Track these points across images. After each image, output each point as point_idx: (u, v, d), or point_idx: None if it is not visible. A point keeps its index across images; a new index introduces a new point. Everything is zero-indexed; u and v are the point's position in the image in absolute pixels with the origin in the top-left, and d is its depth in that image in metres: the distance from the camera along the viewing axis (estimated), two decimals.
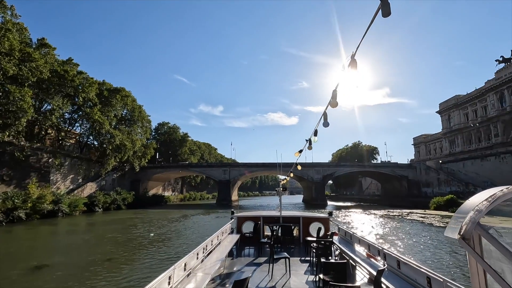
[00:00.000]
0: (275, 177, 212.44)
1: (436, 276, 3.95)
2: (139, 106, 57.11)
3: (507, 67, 60.64)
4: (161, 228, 22.40)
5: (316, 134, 5.85)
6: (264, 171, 68.76)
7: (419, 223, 25.78)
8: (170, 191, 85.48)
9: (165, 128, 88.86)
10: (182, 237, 18.44)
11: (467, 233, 1.12)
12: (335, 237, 9.23)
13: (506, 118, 58.62)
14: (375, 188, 79.09)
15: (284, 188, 12.83)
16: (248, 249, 9.43)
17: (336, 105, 3.75)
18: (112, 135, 44.54)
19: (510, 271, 1.01)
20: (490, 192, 1.19)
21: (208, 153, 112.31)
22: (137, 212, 37.99)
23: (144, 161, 58.68)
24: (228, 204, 56.57)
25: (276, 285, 6.04)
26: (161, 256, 13.31)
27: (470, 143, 68.71)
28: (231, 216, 10.69)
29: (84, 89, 39.09)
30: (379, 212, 36.82)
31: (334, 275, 5.24)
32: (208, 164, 69.45)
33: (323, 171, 59.56)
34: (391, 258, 5.46)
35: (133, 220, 28.31)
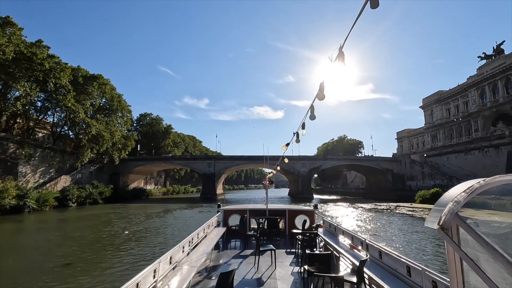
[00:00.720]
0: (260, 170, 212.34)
1: (415, 265, 4.18)
2: (118, 95, 53.95)
3: (489, 63, 61.95)
4: (138, 225, 20.64)
5: (304, 127, 5.81)
6: (250, 164, 67.52)
7: (409, 217, 25.45)
8: (152, 185, 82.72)
9: (147, 120, 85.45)
10: (160, 235, 16.80)
11: (446, 223, 1.17)
12: (320, 229, 9.43)
13: (486, 114, 60.17)
14: (359, 181, 79.85)
15: (271, 181, 12.85)
16: (235, 242, 9.48)
17: (324, 97, 3.73)
18: (88, 125, 41.60)
19: (484, 259, 1.07)
20: (467, 184, 1.23)
21: (192, 146, 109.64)
22: (115, 207, 35.76)
23: (124, 153, 55.90)
24: (212, 198, 55.13)
25: (262, 277, 6.13)
26: (133, 259, 11.71)
27: (452, 138, 70.46)
28: (218, 209, 10.61)
29: (56, 75, 35.87)
30: (366, 206, 36.58)
31: (318, 266, 5.36)
32: (192, 157, 67.28)
33: (310, 164, 59.06)
34: (373, 249, 5.63)
35: (109, 216, 26.26)
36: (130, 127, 71.09)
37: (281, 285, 5.77)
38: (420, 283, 4.01)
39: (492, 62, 61.05)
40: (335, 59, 2.92)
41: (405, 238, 16.19)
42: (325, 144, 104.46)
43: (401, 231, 18.34)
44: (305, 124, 5.74)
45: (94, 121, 43.43)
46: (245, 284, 5.77)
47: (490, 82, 60.02)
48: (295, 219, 10.75)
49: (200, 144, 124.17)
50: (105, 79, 49.27)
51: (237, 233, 10.01)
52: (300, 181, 57.32)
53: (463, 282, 1.27)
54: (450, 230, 1.20)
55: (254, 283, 5.88)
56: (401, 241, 15.43)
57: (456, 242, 1.20)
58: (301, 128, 5.92)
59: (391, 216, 25.98)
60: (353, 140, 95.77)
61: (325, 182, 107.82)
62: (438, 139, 74.81)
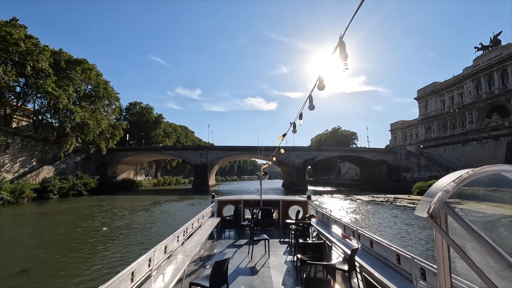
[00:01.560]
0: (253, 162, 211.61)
1: (404, 254, 4.31)
2: (104, 81, 51.13)
3: (485, 54, 61.17)
4: (120, 220, 18.80)
5: (301, 117, 5.80)
6: (244, 155, 65.95)
7: (411, 210, 24.14)
8: (143, 176, 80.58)
9: (137, 109, 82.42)
10: (142, 234, 14.74)
11: (435, 212, 1.20)
12: (313, 219, 9.57)
13: (481, 105, 59.81)
14: (353, 173, 79.45)
15: (265, 172, 12.87)
16: (229, 232, 9.60)
17: (324, 88, 3.68)
18: (71, 112, 39.08)
19: (470, 246, 1.12)
20: (457, 174, 1.28)
21: (184, 136, 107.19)
22: (101, 199, 33.82)
23: (112, 143, 53.60)
24: (204, 189, 53.64)
25: (256, 265, 6.25)
26: (105, 263, 9.99)
27: (445, 130, 70.31)
28: (212, 200, 10.70)
29: (34, 57, 33.09)
30: (364, 198, 35.58)
31: (311, 254, 5.48)
32: (184, 147, 65.17)
33: (304, 155, 57.92)
34: (365, 238, 5.70)
35: (91, 209, 24.39)
36: (119, 116, 68.35)
37: (274, 273, 5.85)
38: (409, 271, 4.12)
39: (489, 53, 60.30)
40: (336, 49, 2.92)
41: (419, 235, 14.59)
42: (319, 136, 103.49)
43: (411, 227, 16.77)
44: (303, 114, 5.72)
45: (78, 108, 40.90)
46: (239, 273, 5.84)
47: (486, 73, 59.43)
48: (289, 209, 10.91)
49: (192, 134, 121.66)
50: (90, 64, 46.39)
51: (231, 223, 10.12)
52: (294, 172, 56.23)
53: (450, 268, 1.32)
54: (439, 218, 1.22)
55: (248, 271, 5.96)
56: (416, 239, 13.80)
57: (444, 230, 1.22)
58: (299, 118, 5.88)
59: (393, 209, 24.79)
60: (347, 132, 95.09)
61: (318, 173, 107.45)
62: (432, 130, 74.70)
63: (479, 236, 1.08)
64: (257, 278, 5.62)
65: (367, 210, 24.42)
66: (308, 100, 4.54)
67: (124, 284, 3.34)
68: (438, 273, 1.40)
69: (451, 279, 1.34)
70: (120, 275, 3.25)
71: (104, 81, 51.08)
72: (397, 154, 56.21)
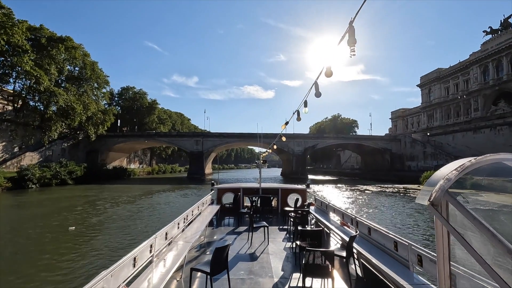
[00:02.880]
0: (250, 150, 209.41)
1: (402, 241, 4.36)
2: (92, 62, 47.61)
3: (494, 38, 58.34)
4: (98, 215, 16.13)
5: (306, 105, 5.80)
6: (242, 142, 63.33)
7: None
8: (137, 164, 77.98)
9: (130, 94, 78.73)
10: (117, 236, 11.63)
11: (436, 200, 1.21)
12: (312, 207, 9.63)
13: (487, 92, 57.55)
14: (354, 161, 77.58)
15: (264, 160, 12.72)
16: (228, 219, 9.78)
17: (331, 74, 3.64)
18: (54, 94, 35.90)
19: (470, 233, 1.14)
20: (459, 162, 1.29)
21: (180, 123, 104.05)
22: (87, 188, 31.24)
23: (103, 129, 50.76)
24: (200, 178, 51.41)
25: (256, 252, 6.37)
26: (57, 277, 7.44)
27: (449, 118, 68.29)
28: (211, 187, 10.65)
29: (7, 30, 29.59)
30: (371, 188, 33.21)
31: (309, 241, 5.58)
32: (178, 134, 62.19)
33: (305, 143, 55.52)
34: (363, 226, 5.82)
35: (71, 201, 21.70)
36: (109, 100, 64.96)
37: (273, 259, 5.95)
38: (406, 257, 4.17)
39: (498, 37, 57.46)
40: (345, 34, 2.91)
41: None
42: (318, 123, 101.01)
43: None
44: (307, 102, 5.74)
45: (61, 91, 37.73)
46: (239, 259, 5.89)
47: (494, 58, 56.87)
48: (288, 197, 10.97)
49: (188, 121, 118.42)
50: (75, 43, 42.76)
51: (231, 211, 10.18)
52: (294, 160, 53.96)
53: (449, 255, 1.34)
54: (440, 206, 1.23)
55: (248, 257, 6.03)
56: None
57: (445, 217, 1.24)
58: (303, 106, 5.89)
59: (410, 202, 22.07)
60: (347, 119, 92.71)
61: (317, 162, 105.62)
62: (434, 118, 72.74)
63: (480, 224, 1.08)
64: (256, 264, 5.69)
65: (382, 204, 21.47)
66: (314, 87, 4.49)
67: (127, 269, 3.36)
68: (438, 260, 1.41)
69: (450, 266, 1.36)
70: (122, 261, 3.26)
71: (92, 62, 47.56)
72: (401, 142, 54.01)
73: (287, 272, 5.27)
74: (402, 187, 32.85)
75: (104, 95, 54.88)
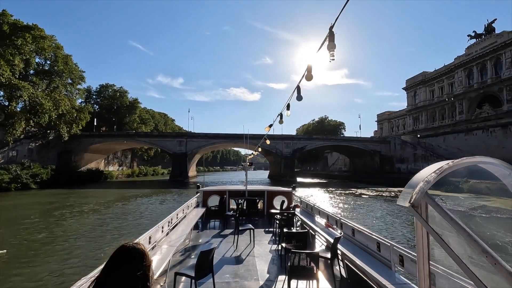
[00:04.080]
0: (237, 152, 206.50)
1: (384, 241, 4.48)
2: (65, 56, 43.77)
3: (479, 43, 59.23)
4: (53, 228, 13.00)
5: (289, 108, 5.86)
6: (228, 143, 60.74)
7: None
8: (116, 166, 73.57)
9: (109, 92, 74.37)
10: (71, 258, 9.07)
11: (416, 201, 1.24)
12: (297, 209, 9.69)
13: (472, 96, 58.26)
14: (342, 163, 76.75)
15: (250, 163, 12.75)
16: (214, 222, 9.62)
17: (311, 78, 3.66)
18: (18, 88, 32.08)
19: (448, 233, 1.18)
20: (438, 165, 1.33)
21: (163, 124, 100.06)
22: (54, 193, 27.73)
23: (77, 128, 46.80)
24: (184, 181, 48.45)
25: (241, 254, 6.35)
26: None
27: (434, 120, 69.03)
28: (197, 190, 10.57)
29: None
30: (367, 192, 31.41)
31: (295, 243, 5.62)
32: (160, 134, 58.70)
33: (294, 144, 53.79)
34: (347, 227, 5.96)
35: (25, 210, 17.82)
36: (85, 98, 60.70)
37: (259, 262, 5.92)
38: (388, 257, 4.25)
39: (482, 42, 58.34)
40: (326, 39, 2.93)
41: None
42: (305, 125, 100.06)
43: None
44: (290, 105, 5.78)
45: (26, 84, 33.87)
46: (225, 262, 5.86)
47: (478, 62, 57.70)
48: (274, 199, 10.94)
49: (172, 122, 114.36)
50: (45, 33, 38.96)
51: (217, 214, 10.08)
52: (282, 162, 52.03)
53: (428, 254, 1.38)
54: (420, 207, 1.27)
55: (233, 260, 6.01)
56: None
57: (424, 218, 1.28)
58: (286, 109, 5.96)
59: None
60: (334, 122, 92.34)
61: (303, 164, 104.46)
62: (420, 121, 73.55)
63: (457, 224, 1.12)
64: (242, 267, 5.65)
65: (387, 212, 18.33)
66: (296, 90, 4.56)
67: None
68: (418, 259, 1.43)
69: (429, 265, 1.39)
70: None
71: (65, 56, 43.70)
72: (390, 144, 53.38)
73: (272, 275, 5.27)
74: (397, 190, 31.38)
75: (79, 92, 50.79)
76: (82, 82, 49.79)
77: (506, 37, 51.59)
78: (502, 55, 52.33)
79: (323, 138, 58.30)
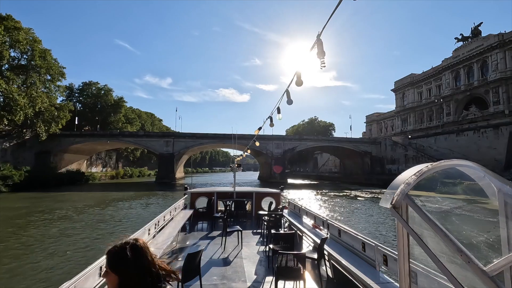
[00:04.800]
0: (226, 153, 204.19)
1: (369, 242, 4.56)
2: (43, 50, 41.16)
3: (465, 45, 60.12)
4: (9, 240, 11.30)
5: (279, 111, 5.89)
6: (216, 143, 59.04)
7: (457, 215, 17.54)
8: (99, 167, 70.53)
9: (93, 90, 71.20)
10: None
11: (397, 203, 1.29)
12: (285, 211, 9.83)
13: (459, 97, 59.02)
14: (332, 164, 76.38)
15: (239, 164, 13.32)
16: (202, 224, 9.46)
17: (301, 83, 3.63)
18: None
19: (427, 234, 1.23)
20: (418, 168, 1.38)
21: (150, 124, 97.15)
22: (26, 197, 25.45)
23: (56, 127, 44.17)
24: (170, 183, 46.51)
25: (229, 256, 6.37)
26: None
27: (422, 122, 69.76)
28: (185, 192, 10.51)
29: None
30: (362, 194, 30.40)
31: (282, 244, 5.67)
32: (146, 134, 56.32)
33: (284, 145, 52.78)
34: (333, 228, 6.00)
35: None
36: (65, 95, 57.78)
37: (247, 263, 5.95)
38: (373, 257, 4.32)
39: (469, 44, 59.26)
40: (313, 47, 2.95)
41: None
42: (295, 126, 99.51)
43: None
44: (280, 109, 5.80)
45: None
46: (212, 264, 5.85)
47: (465, 64, 58.53)
48: (262, 201, 11.04)
49: (159, 122, 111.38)
50: (21, 25, 36.39)
51: (204, 215, 10.00)
52: (273, 163, 50.86)
53: (409, 254, 1.44)
54: (401, 209, 1.31)
55: (221, 262, 6.01)
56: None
57: (405, 219, 1.32)
58: (277, 113, 5.93)
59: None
60: (324, 122, 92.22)
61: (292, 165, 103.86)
62: (408, 122, 74.18)
63: (435, 225, 1.17)
64: (229, 268, 5.66)
65: (389, 214, 17.01)
66: (286, 95, 4.58)
67: (92, 279, 3.15)
68: (398, 259, 1.48)
69: (409, 264, 1.44)
70: (87, 270, 3.07)
71: (43, 50, 41.07)
72: (381, 145, 53.16)
73: (260, 276, 5.32)
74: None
75: (59, 89, 47.99)
76: (63, 79, 47.03)
77: (492, 40, 52.41)
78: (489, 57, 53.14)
79: (314, 138, 57.58)
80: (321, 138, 59.89)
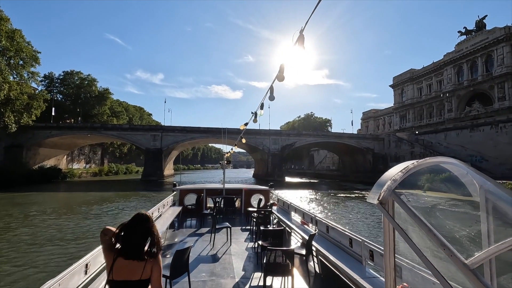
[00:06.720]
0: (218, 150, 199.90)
1: (356, 237, 4.66)
2: (12, 30, 36.31)
3: (469, 39, 57.81)
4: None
5: (262, 107, 5.97)
6: (208, 138, 55.07)
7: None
8: (82, 163, 65.69)
9: (75, 80, 65.79)
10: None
11: (384, 199, 1.34)
12: (274, 207, 9.92)
13: (461, 93, 56.92)
14: (330, 162, 73.62)
15: (228, 161, 12.72)
16: (190, 221, 9.61)
17: (283, 79, 3.77)
18: None
19: (412, 229, 1.27)
20: (404, 165, 1.44)
21: (138, 118, 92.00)
22: None
23: (29, 118, 39.54)
24: (158, 181, 42.61)
25: (218, 253, 6.34)
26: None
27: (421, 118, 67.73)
28: (173, 188, 10.50)
29: None
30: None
31: (271, 241, 5.65)
32: (131, 127, 51.68)
33: (282, 140, 49.38)
34: (322, 224, 6.11)
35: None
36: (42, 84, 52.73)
37: (236, 260, 5.96)
38: (360, 253, 4.41)
39: (473, 38, 56.99)
40: (296, 42, 2.97)
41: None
42: (290, 123, 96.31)
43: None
44: (264, 105, 5.86)
45: None
46: (201, 261, 5.83)
47: (469, 59, 56.30)
48: (251, 198, 11.05)
49: (149, 116, 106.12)
50: None
51: (193, 212, 10.04)
52: (270, 160, 47.39)
53: (394, 249, 1.47)
54: (387, 204, 1.35)
55: (210, 259, 5.99)
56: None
57: (391, 215, 1.36)
58: (260, 108, 6.06)
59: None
60: (320, 118, 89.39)
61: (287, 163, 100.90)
62: (407, 119, 72.13)
63: (419, 220, 1.20)
64: (218, 265, 5.65)
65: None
66: (269, 91, 4.65)
67: (77, 277, 3.04)
68: (384, 254, 1.52)
69: (394, 259, 1.48)
70: (72, 268, 2.96)
71: (12, 30, 36.22)
72: (385, 141, 50.26)
73: (248, 272, 5.30)
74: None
75: (33, 76, 43.02)
76: (36, 64, 42.10)
77: (498, 33, 50.15)
78: (494, 51, 50.95)
79: (314, 134, 54.45)
80: (320, 133, 56.79)
